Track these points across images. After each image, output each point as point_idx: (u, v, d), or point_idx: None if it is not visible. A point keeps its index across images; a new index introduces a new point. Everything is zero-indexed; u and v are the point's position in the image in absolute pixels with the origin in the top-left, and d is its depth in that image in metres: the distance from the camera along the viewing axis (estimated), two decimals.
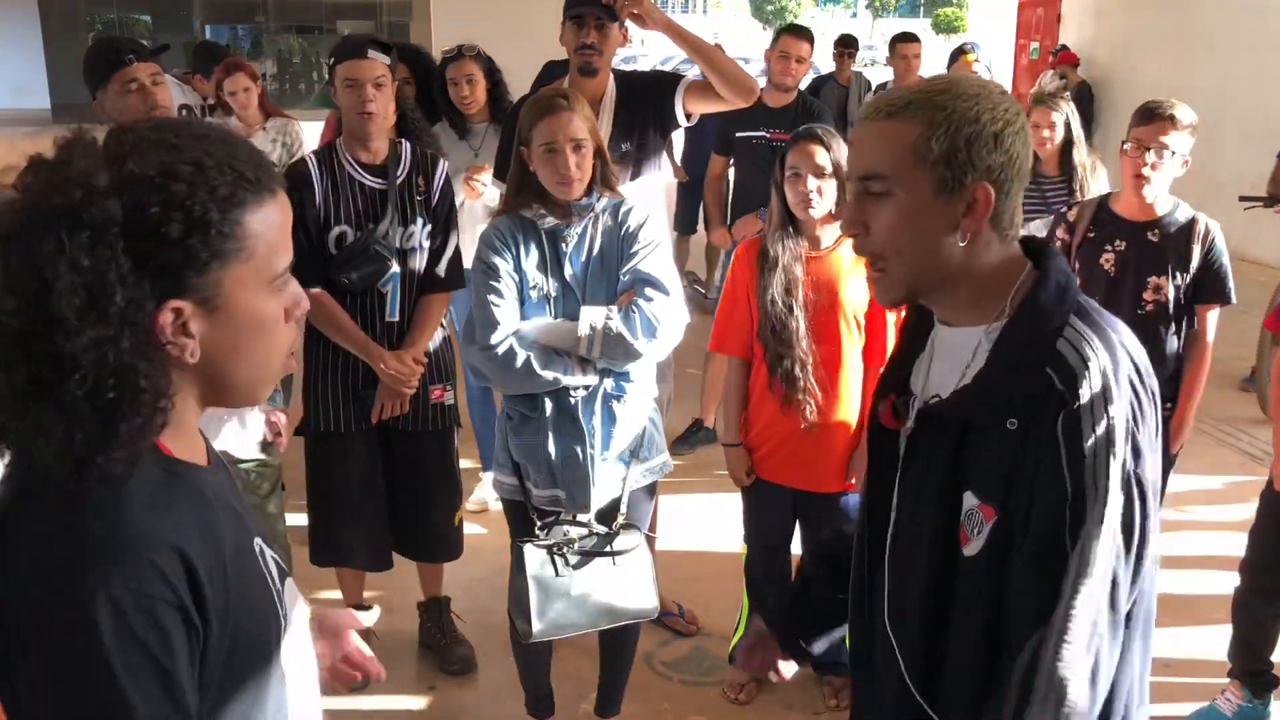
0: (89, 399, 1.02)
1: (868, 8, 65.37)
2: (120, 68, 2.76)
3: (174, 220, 1.03)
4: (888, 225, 1.37)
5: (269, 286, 1.13)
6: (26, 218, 1.02)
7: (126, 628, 1.00)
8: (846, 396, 3.08)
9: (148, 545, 1.04)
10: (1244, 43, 9.57)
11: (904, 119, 1.35)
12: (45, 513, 1.05)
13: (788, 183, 3.01)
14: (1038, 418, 1.31)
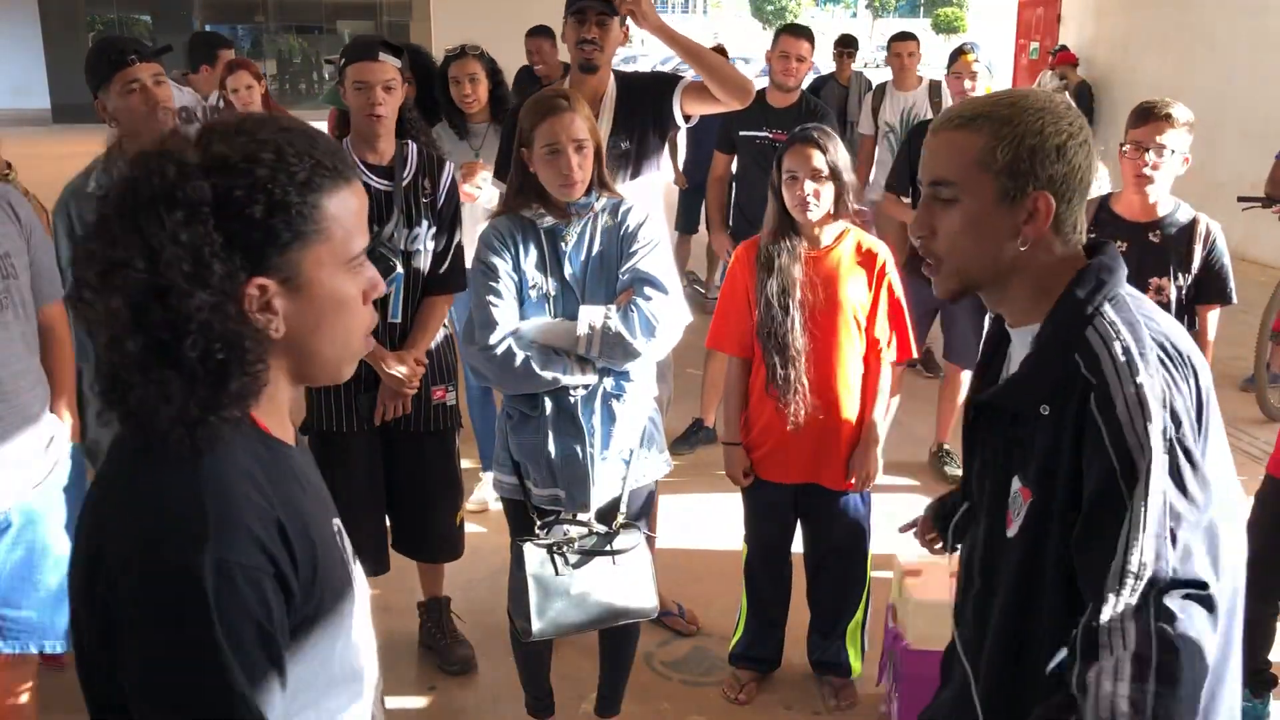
0: (202, 361, 1.10)
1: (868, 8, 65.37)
2: (122, 68, 2.77)
3: (257, 201, 1.11)
4: (952, 230, 1.47)
5: (346, 267, 1.20)
6: (130, 196, 1.13)
7: (234, 595, 1.06)
8: (846, 395, 3.09)
9: (254, 518, 1.11)
10: (1244, 43, 9.57)
11: (972, 130, 1.45)
12: (161, 480, 1.12)
13: (785, 185, 3.01)
14: (1067, 403, 1.39)
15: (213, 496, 1.10)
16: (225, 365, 1.11)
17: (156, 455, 1.13)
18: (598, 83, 3.36)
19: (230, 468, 1.13)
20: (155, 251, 1.09)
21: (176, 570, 1.06)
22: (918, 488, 4.89)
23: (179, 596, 1.06)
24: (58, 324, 2.76)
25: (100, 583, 1.10)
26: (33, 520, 2.63)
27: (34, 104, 23.82)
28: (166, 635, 1.07)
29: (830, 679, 3.35)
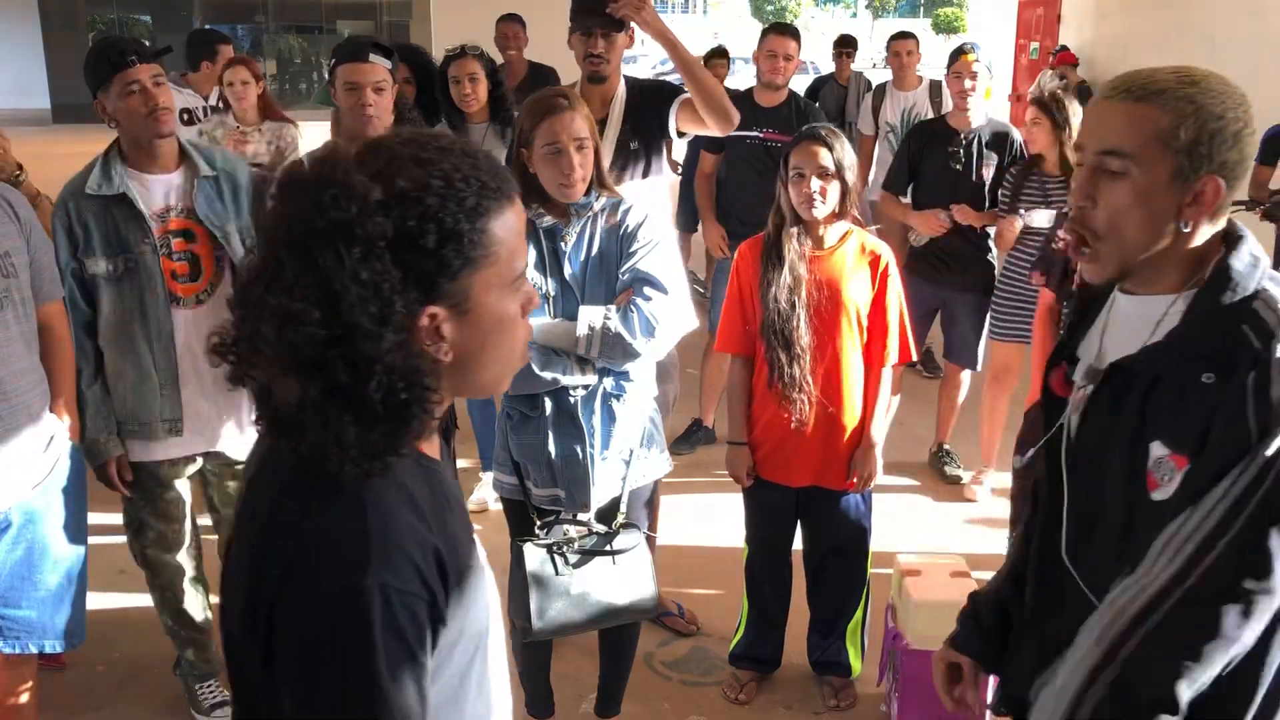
0: (384, 401, 1.08)
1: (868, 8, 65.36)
2: (122, 69, 2.77)
3: (429, 232, 1.09)
4: (1117, 203, 1.45)
5: (510, 287, 1.19)
6: (302, 231, 1.07)
7: (393, 621, 1.06)
8: (848, 395, 3.09)
9: (414, 545, 1.10)
10: (1244, 43, 9.56)
11: (1155, 104, 1.42)
12: (325, 504, 1.10)
13: (791, 183, 3.01)
14: (1234, 373, 1.39)
15: (376, 521, 1.09)
16: (407, 405, 1.10)
17: (319, 478, 1.11)
18: (608, 88, 3.41)
19: (394, 493, 1.12)
20: (337, 295, 1.05)
21: (340, 592, 1.06)
22: (918, 488, 4.89)
23: (341, 619, 1.06)
24: (57, 323, 2.76)
25: (262, 603, 1.10)
26: (33, 519, 2.63)
27: (34, 104, 23.82)
28: (327, 657, 1.07)
29: (830, 679, 3.35)
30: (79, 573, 2.75)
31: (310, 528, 1.10)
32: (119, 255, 2.85)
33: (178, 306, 2.94)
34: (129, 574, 3.46)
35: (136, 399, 2.93)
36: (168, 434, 2.97)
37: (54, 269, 2.75)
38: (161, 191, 2.91)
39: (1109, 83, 1.50)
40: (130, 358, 2.91)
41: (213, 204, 2.95)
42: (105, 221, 2.84)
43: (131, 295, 2.88)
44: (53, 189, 3.08)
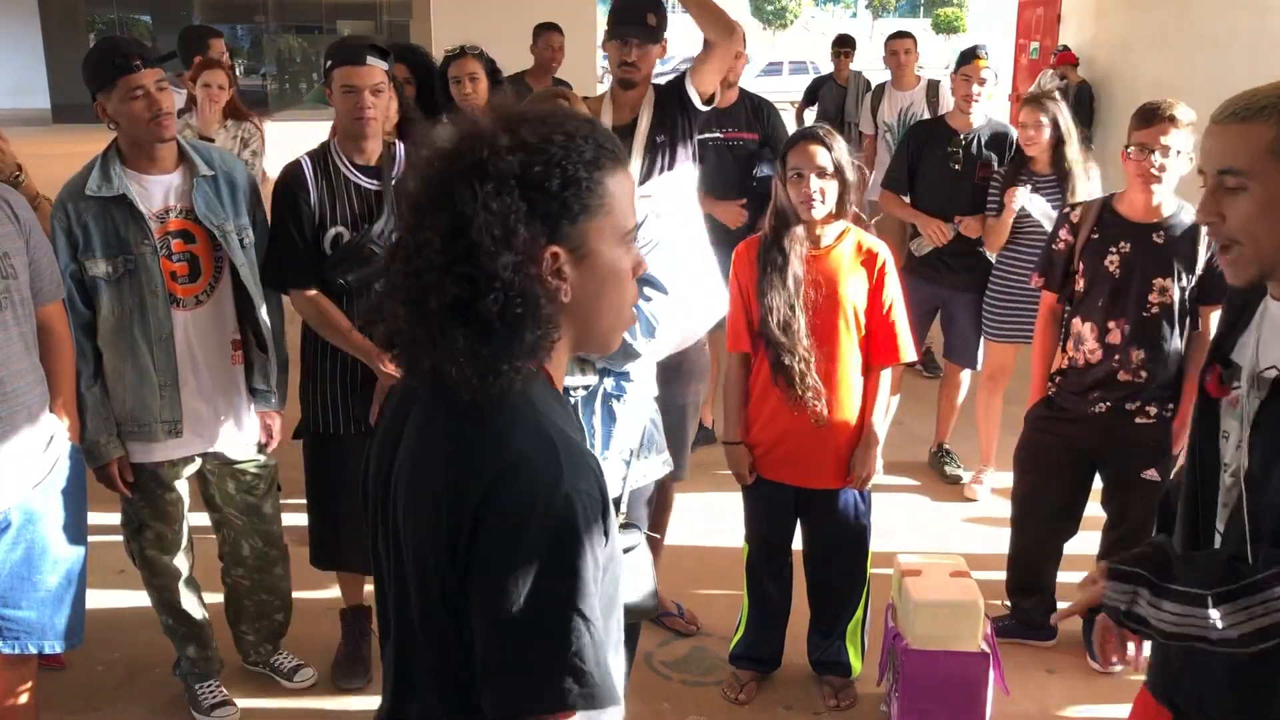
0: (501, 314, 1.21)
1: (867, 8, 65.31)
2: (127, 74, 2.76)
3: (554, 176, 1.24)
4: (1244, 215, 1.55)
5: (623, 241, 1.33)
6: (444, 168, 1.25)
7: (589, 524, 1.21)
8: (845, 394, 3.09)
9: (587, 455, 1.27)
10: (1245, 42, 9.56)
11: (1260, 121, 1.53)
12: (497, 424, 1.25)
13: (790, 183, 3.01)
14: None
15: (557, 436, 1.23)
16: (521, 319, 1.22)
17: (485, 405, 1.25)
18: (636, 94, 3.47)
19: (552, 416, 1.27)
20: (467, 220, 1.20)
21: (544, 502, 1.19)
22: (918, 488, 4.89)
23: (548, 527, 1.19)
24: (56, 324, 2.76)
25: (461, 529, 1.22)
26: (32, 519, 2.62)
27: (34, 104, 23.82)
28: (541, 564, 1.19)
29: (830, 679, 3.35)
30: (79, 573, 2.75)
31: (501, 452, 1.23)
32: (119, 256, 2.85)
33: (177, 307, 2.94)
34: (129, 574, 3.46)
35: (136, 400, 2.93)
36: (167, 435, 2.97)
37: (54, 270, 2.75)
38: (160, 192, 2.91)
39: (1220, 108, 1.61)
40: (129, 359, 2.90)
41: (211, 204, 2.95)
42: (105, 222, 2.84)
43: (131, 296, 2.88)
44: (53, 189, 3.08)
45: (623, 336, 2.58)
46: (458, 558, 1.23)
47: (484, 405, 1.25)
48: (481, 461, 1.23)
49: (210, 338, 3.00)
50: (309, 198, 3.06)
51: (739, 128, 4.80)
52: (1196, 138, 3.19)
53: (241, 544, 3.22)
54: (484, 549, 1.21)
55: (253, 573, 3.26)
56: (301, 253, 3.06)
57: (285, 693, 3.36)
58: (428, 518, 1.26)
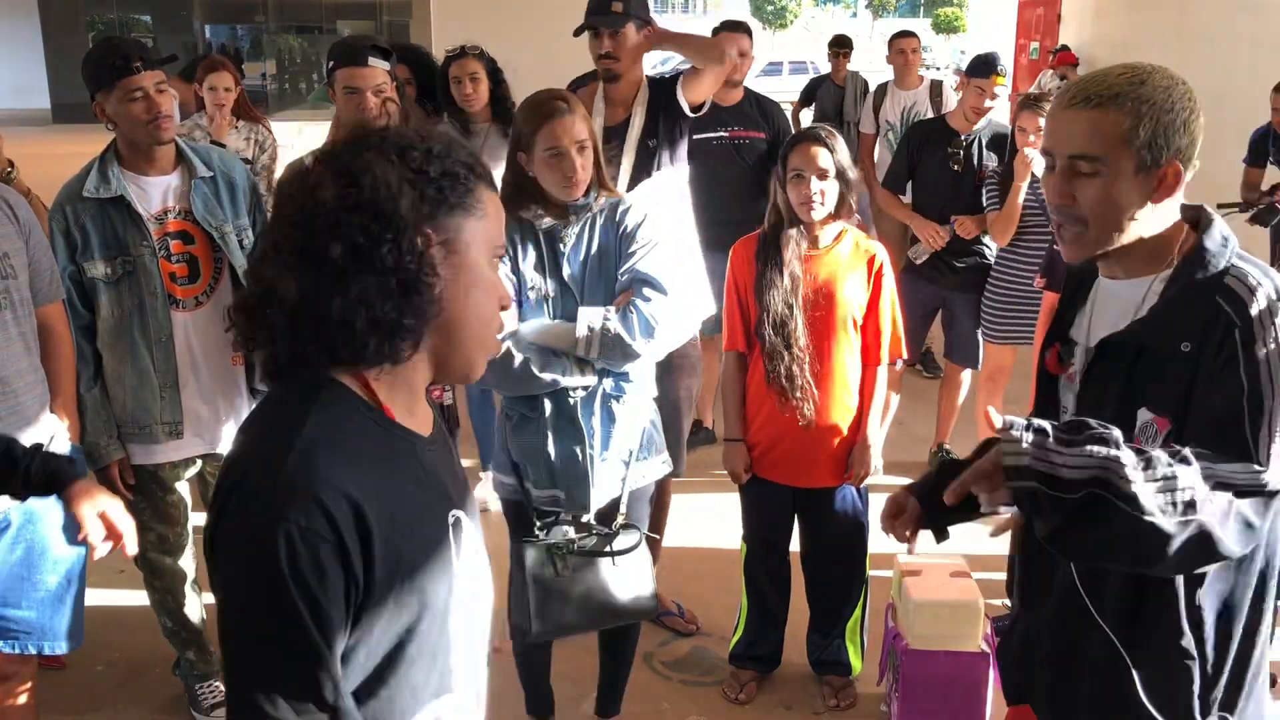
0: (396, 269, 1.23)
1: (867, 8, 65.30)
2: (127, 75, 2.76)
3: (432, 164, 1.28)
4: (1095, 198, 1.61)
5: (490, 254, 1.34)
6: (348, 143, 1.30)
7: (297, 556, 1.16)
8: (842, 394, 3.09)
9: (325, 489, 1.19)
10: (1244, 42, 9.56)
11: (1113, 109, 1.58)
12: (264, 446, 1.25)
13: (790, 184, 3.01)
14: (1210, 339, 1.55)
15: (296, 463, 1.20)
16: (416, 276, 1.24)
17: (268, 417, 1.30)
18: (628, 86, 3.46)
19: (331, 440, 1.23)
20: (355, 174, 1.24)
21: (252, 524, 1.19)
22: None
23: (252, 550, 1.18)
24: (56, 324, 2.76)
25: (209, 521, 1.26)
26: (32, 520, 2.62)
27: (34, 104, 23.82)
28: (241, 583, 1.21)
29: (830, 678, 3.35)
30: (79, 573, 2.75)
31: (244, 462, 1.26)
32: (117, 258, 2.85)
33: (176, 309, 2.93)
34: (129, 574, 3.46)
35: (136, 402, 2.93)
36: (168, 436, 2.97)
37: (53, 270, 2.75)
38: (159, 193, 2.91)
39: (1065, 90, 1.66)
40: (129, 361, 2.90)
41: (210, 205, 2.95)
42: (103, 224, 2.83)
43: (130, 298, 2.87)
44: (53, 189, 3.08)
45: (621, 337, 2.60)
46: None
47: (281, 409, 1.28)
48: (228, 471, 1.27)
49: (210, 339, 2.99)
50: None
51: (745, 126, 4.80)
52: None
53: None
54: (209, 560, 1.26)
55: None
56: None
57: None
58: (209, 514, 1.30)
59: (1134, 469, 1.39)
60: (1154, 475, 1.41)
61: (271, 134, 4.89)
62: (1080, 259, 1.70)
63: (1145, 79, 1.59)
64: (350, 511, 1.19)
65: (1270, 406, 1.52)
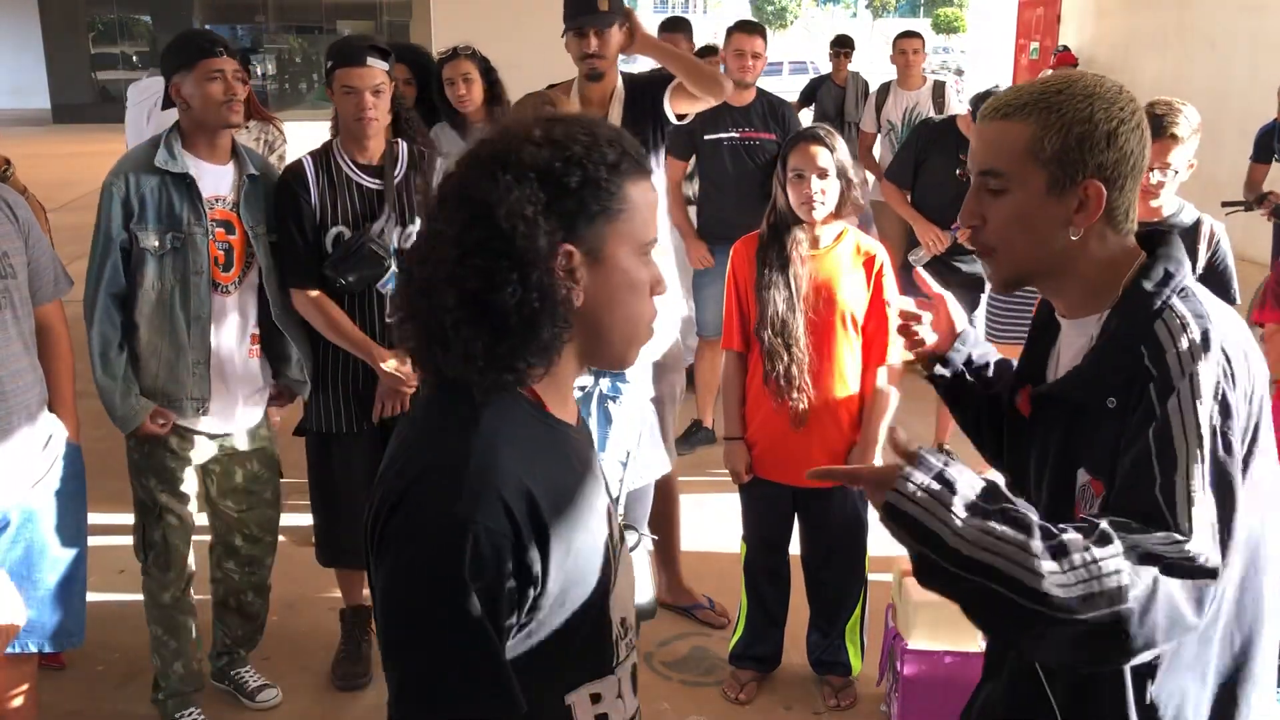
0: (518, 309, 1.19)
1: (867, 8, 65.29)
2: (210, 57, 2.90)
3: (573, 174, 1.22)
4: (1003, 220, 1.45)
5: (640, 251, 1.29)
6: (468, 160, 1.25)
7: (482, 558, 1.14)
8: (842, 394, 3.09)
9: (508, 488, 1.18)
10: (1244, 42, 9.57)
11: (1020, 119, 1.42)
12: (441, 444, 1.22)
13: (790, 184, 3.01)
14: (1133, 395, 1.37)
15: (477, 460, 1.18)
16: (538, 315, 1.20)
17: (443, 413, 1.25)
18: (605, 85, 3.43)
19: (505, 433, 1.22)
20: (488, 206, 1.19)
21: (434, 523, 1.16)
22: None
23: (432, 550, 1.16)
24: (55, 323, 2.77)
25: (376, 527, 1.21)
26: (31, 519, 2.63)
27: (34, 104, 23.84)
28: (417, 583, 1.17)
29: (830, 679, 3.35)
30: (79, 572, 2.75)
31: (422, 458, 1.21)
32: (168, 233, 2.91)
33: (214, 291, 3.00)
34: (129, 574, 3.45)
35: (169, 375, 2.97)
36: (196, 413, 3.01)
37: (52, 269, 2.76)
38: (212, 181, 2.98)
39: (986, 103, 1.50)
40: (168, 334, 2.95)
41: (250, 204, 3.04)
42: (161, 198, 2.90)
43: (173, 273, 2.92)
44: (52, 189, 3.09)
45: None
46: (372, 541, 1.23)
47: (444, 411, 1.24)
48: (404, 466, 1.22)
49: (235, 326, 3.06)
50: (310, 197, 3.07)
51: (755, 127, 4.80)
52: (1199, 139, 3.17)
53: (234, 536, 3.23)
54: (376, 562, 1.21)
55: (244, 565, 3.26)
56: (302, 252, 3.07)
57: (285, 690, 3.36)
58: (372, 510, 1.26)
59: (1042, 560, 1.23)
60: (1070, 563, 1.24)
61: (282, 133, 4.91)
62: (1001, 286, 1.54)
63: (1063, 88, 1.42)
64: (528, 508, 1.19)
65: (1187, 465, 1.31)
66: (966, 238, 1.51)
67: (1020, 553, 1.24)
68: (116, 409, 2.94)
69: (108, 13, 26.73)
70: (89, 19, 26.38)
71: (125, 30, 27.18)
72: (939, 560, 1.27)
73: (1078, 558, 1.24)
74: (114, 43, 27.04)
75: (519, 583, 1.18)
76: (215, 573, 3.29)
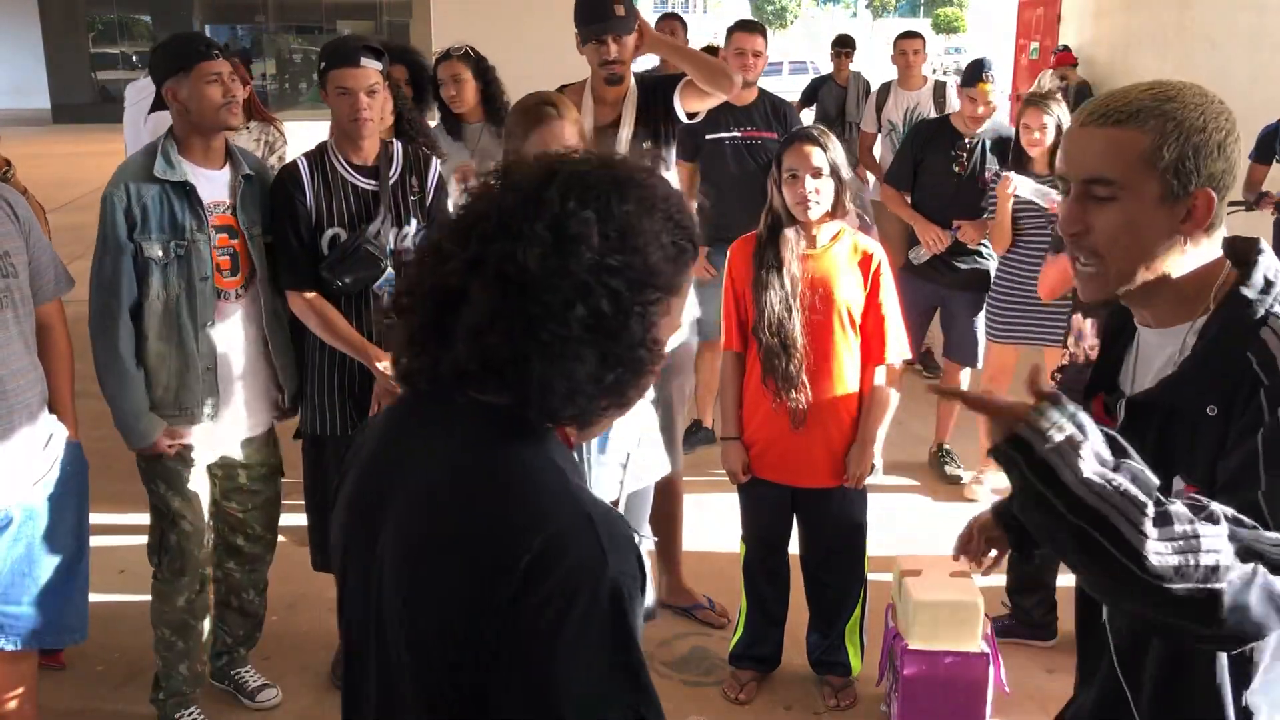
0: (635, 346, 1.15)
1: (867, 8, 65.32)
2: (207, 60, 2.89)
3: (678, 213, 1.20)
4: (1112, 228, 1.41)
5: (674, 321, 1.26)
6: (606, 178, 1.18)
7: (634, 606, 1.11)
8: (840, 394, 3.09)
9: (620, 524, 1.15)
10: (1243, 41, 9.56)
11: (1134, 127, 1.38)
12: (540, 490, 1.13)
13: (785, 184, 3.01)
14: (1238, 401, 1.35)
15: (587, 504, 1.13)
16: (642, 361, 1.17)
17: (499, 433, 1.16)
18: (621, 87, 3.45)
19: (569, 467, 1.19)
20: (623, 230, 1.13)
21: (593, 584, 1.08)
22: (917, 488, 4.89)
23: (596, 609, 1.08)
24: (55, 323, 2.77)
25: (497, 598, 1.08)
26: (33, 517, 2.63)
27: (34, 104, 23.83)
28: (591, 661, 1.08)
29: (830, 679, 3.35)
30: (80, 570, 2.75)
31: (539, 526, 1.10)
32: (171, 241, 2.90)
33: (219, 298, 2.99)
34: (129, 574, 3.46)
35: (180, 384, 2.97)
36: (208, 419, 3.02)
37: (52, 268, 2.76)
38: (212, 187, 2.98)
39: (1085, 108, 1.47)
40: (176, 343, 2.95)
41: (247, 206, 3.03)
42: (163, 207, 2.90)
43: (178, 282, 2.92)
44: (53, 189, 3.09)
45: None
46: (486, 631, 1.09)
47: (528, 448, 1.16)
48: (522, 525, 1.10)
49: (243, 332, 3.05)
50: (305, 199, 3.06)
51: (758, 127, 4.80)
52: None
53: (237, 536, 3.23)
54: (524, 639, 1.08)
55: (245, 564, 3.26)
56: (298, 254, 3.06)
57: (285, 690, 3.36)
58: (456, 570, 1.11)
59: (1150, 523, 1.23)
60: (1170, 533, 1.23)
61: (283, 134, 4.91)
62: (1097, 298, 1.49)
63: (1174, 95, 1.40)
64: (635, 552, 1.16)
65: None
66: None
67: (1134, 510, 1.23)
68: (132, 426, 2.93)
69: (107, 12, 26.73)
70: (89, 19, 26.38)
71: (125, 30, 27.18)
72: (1052, 499, 1.25)
73: (1180, 529, 1.23)
74: (114, 43, 27.06)
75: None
76: (216, 572, 3.29)
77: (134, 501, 3.21)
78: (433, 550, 1.14)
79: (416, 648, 1.15)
